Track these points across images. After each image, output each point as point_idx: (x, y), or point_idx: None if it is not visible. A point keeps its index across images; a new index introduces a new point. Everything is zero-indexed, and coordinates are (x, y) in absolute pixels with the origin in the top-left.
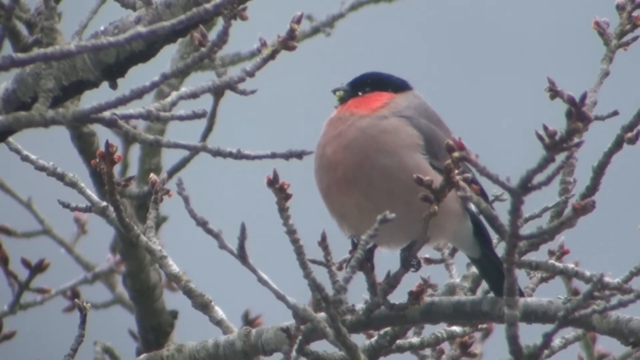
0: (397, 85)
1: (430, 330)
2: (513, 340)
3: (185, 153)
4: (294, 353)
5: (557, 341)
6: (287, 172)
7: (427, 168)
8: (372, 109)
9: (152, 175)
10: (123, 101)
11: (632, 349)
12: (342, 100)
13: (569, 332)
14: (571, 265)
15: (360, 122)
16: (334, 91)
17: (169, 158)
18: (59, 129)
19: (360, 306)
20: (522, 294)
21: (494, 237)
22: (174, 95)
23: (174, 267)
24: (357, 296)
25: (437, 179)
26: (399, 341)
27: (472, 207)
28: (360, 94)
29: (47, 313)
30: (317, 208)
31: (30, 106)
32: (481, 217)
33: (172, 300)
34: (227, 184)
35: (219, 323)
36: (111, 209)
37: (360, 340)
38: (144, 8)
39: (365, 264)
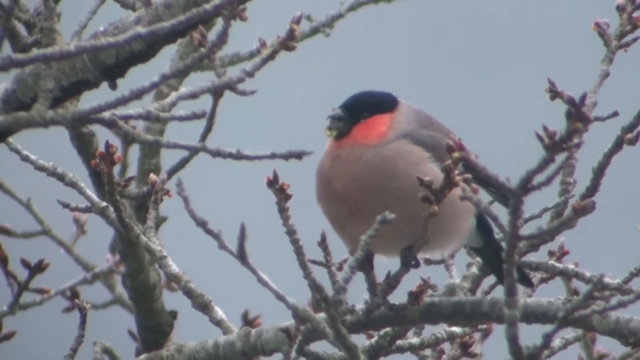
0: (390, 102)
1: (430, 331)
2: (513, 340)
3: (184, 153)
4: (293, 353)
5: (557, 341)
6: (287, 173)
7: (438, 174)
8: (379, 135)
9: (152, 176)
10: (122, 102)
11: (632, 349)
12: (340, 134)
13: (569, 332)
14: (571, 266)
15: (366, 154)
16: (331, 119)
17: (168, 158)
18: (59, 129)
19: (360, 306)
20: (530, 283)
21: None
22: (173, 95)
23: (174, 267)
24: (357, 296)
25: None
26: (399, 341)
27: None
28: (361, 120)
29: (46, 313)
30: (317, 209)
31: (30, 106)
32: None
33: (171, 300)
34: (227, 184)
35: (218, 323)
36: (111, 209)
37: (360, 340)
38: (143, 8)
39: (365, 264)
